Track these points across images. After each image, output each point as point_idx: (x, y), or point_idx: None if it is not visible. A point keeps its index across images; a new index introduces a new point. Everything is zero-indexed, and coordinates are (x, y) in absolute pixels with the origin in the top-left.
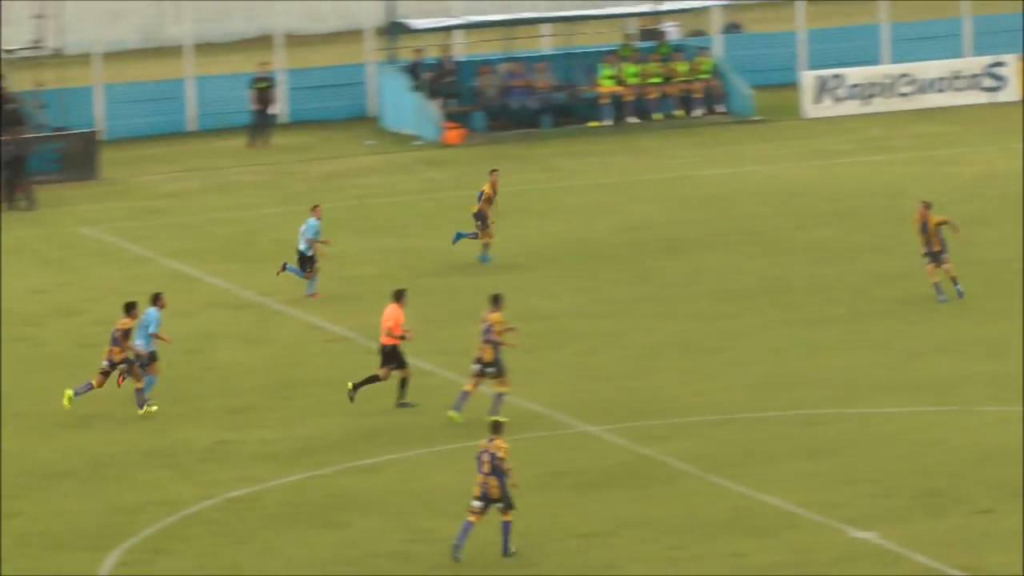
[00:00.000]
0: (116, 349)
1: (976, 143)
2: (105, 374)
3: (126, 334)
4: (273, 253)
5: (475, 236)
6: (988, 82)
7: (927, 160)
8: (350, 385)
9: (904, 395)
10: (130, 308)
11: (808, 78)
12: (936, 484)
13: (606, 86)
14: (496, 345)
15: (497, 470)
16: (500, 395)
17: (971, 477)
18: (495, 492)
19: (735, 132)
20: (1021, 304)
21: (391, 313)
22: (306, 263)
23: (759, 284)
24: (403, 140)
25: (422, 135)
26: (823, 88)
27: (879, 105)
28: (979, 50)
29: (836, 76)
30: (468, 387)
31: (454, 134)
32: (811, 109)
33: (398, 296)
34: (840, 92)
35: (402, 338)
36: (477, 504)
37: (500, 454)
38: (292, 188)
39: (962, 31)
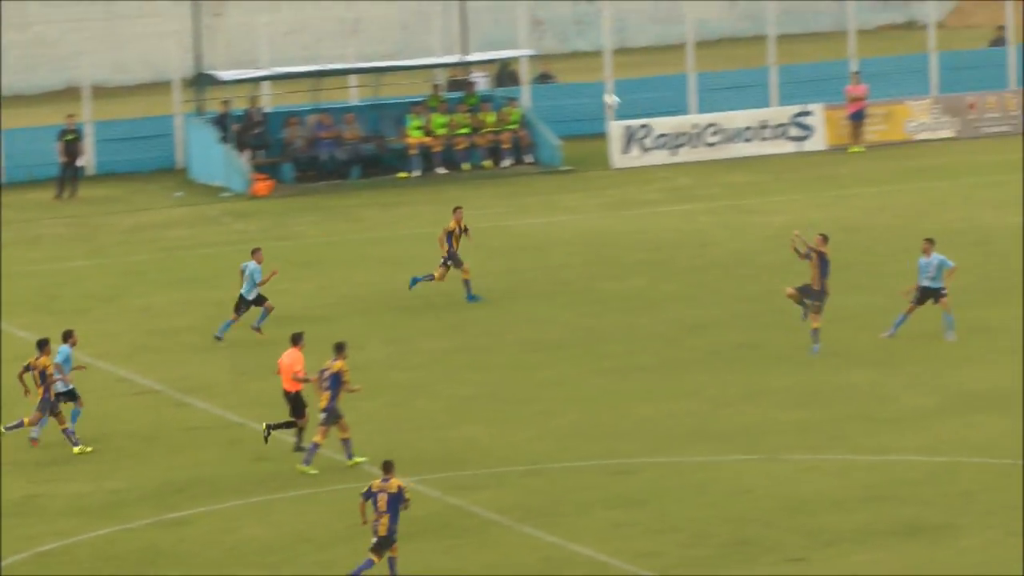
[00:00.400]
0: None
1: (784, 192)
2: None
3: (45, 371)
4: (81, 306)
5: (431, 278)
6: (795, 131)
7: (735, 209)
8: (264, 425)
9: (714, 444)
10: (43, 345)
11: (616, 128)
12: (747, 533)
13: (414, 137)
14: (335, 392)
15: (394, 508)
16: (316, 445)
17: (781, 525)
18: (383, 530)
19: (544, 182)
20: (826, 352)
21: (291, 357)
22: (243, 306)
23: (570, 334)
24: (211, 192)
25: (230, 187)
26: (631, 138)
27: (687, 155)
28: (785, 99)
29: (644, 126)
30: (318, 438)
31: (262, 186)
32: (619, 159)
33: (296, 339)
34: (648, 142)
35: (305, 380)
36: (374, 542)
37: (393, 491)
38: (100, 240)
39: (768, 81)
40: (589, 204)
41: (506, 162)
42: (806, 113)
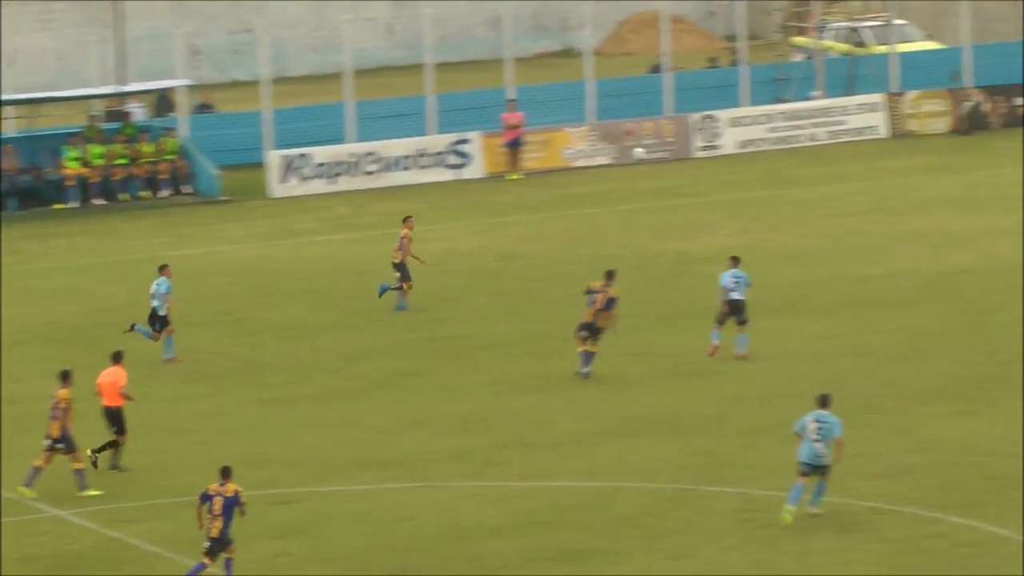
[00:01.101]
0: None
1: (442, 220)
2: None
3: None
4: None
5: (400, 287)
6: (453, 159)
7: (394, 238)
8: (89, 451)
9: (375, 472)
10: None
11: (274, 157)
12: (407, 561)
13: (71, 168)
14: (63, 420)
15: (228, 511)
16: (79, 470)
17: (442, 553)
18: (216, 533)
19: (203, 213)
20: (485, 379)
21: (115, 375)
22: (157, 321)
23: (231, 364)
24: None
25: None
26: (289, 167)
27: (345, 184)
28: (443, 128)
29: (302, 155)
30: (39, 462)
31: None
32: (278, 188)
33: (117, 357)
34: (306, 171)
35: (128, 398)
36: (207, 545)
37: (230, 495)
38: None
39: (426, 109)
40: (248, 234)
41: (164, 192)
42: (464, 141)
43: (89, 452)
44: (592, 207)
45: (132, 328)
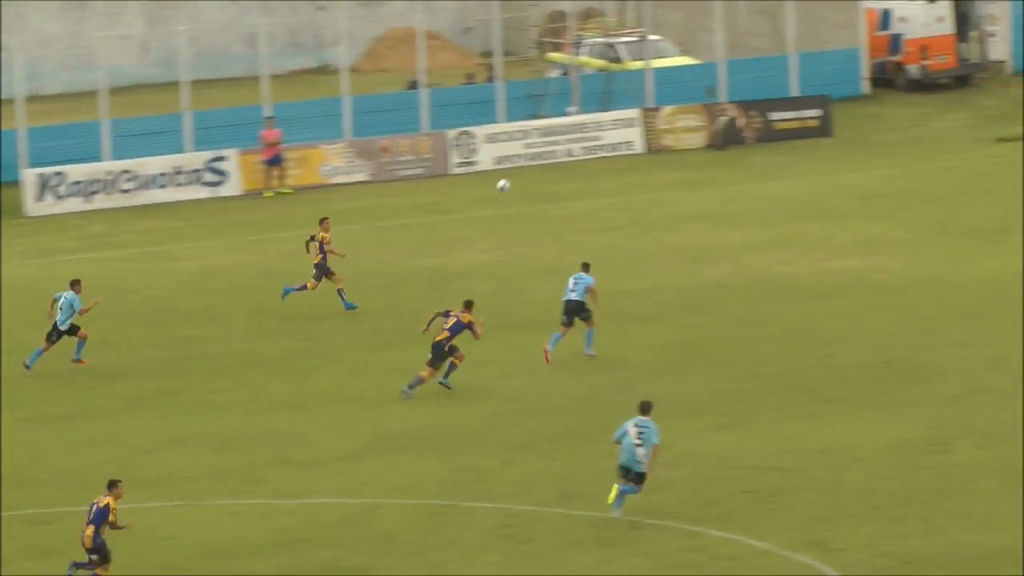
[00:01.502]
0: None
1: (200, 238)
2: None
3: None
4: None
5: (304, 288)
6: (210, 177)
7: (151, 256)
8: None
9: (134, 491)
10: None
11: (30, 176)
12: None
13: None
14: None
15: (97, 521)
16: None
17: (202, 572)
18: (88, 543)
19: None
20: (244, 396)
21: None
22: (54, 335)
23: None
24: None
25: None
26: (45, 186)
27: (102, 202)
28: (200, 145)
29: (58, 173)
30: None
31: None
32: (33, 207)
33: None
34: (62, 190)
35: None
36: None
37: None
38: None
39: (183, 126)
40: (4, 253)
41: None
42: (220, 159)
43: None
44: (350, 224)
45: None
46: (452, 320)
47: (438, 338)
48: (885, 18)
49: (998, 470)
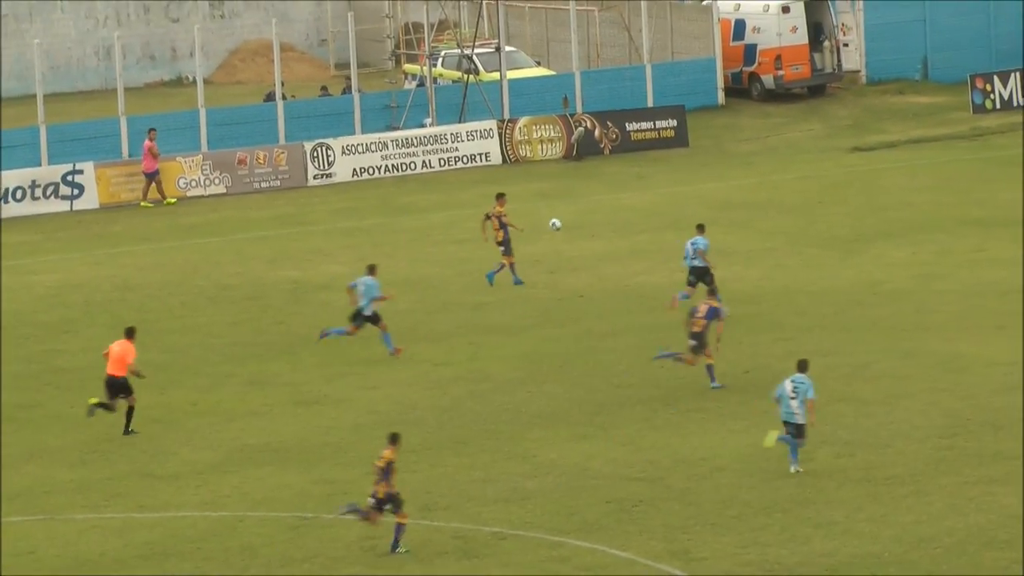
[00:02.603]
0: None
1: (57, 251)
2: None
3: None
4: None
5: (503, 267)
6: (66, 190)
7: (8, 270)
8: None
9: None
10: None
11: None
12: None
13: None
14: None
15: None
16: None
17: None
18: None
19: None
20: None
21: (125, 348)
22: (358, 320)
23: None
24: None
25: None
26: None
27: None
28: (56, 159)
29: None
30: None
31: None
32: None
33: (130, 333)
34: None
35: (137, 374)
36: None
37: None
38: None
39: (39, 140)
40: None
41: None
42: (77, 172)
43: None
44: (208, 236)
45: None
46: (705, 308)
47: (695, 329)
48: (739, 28)
49: (858, 478)
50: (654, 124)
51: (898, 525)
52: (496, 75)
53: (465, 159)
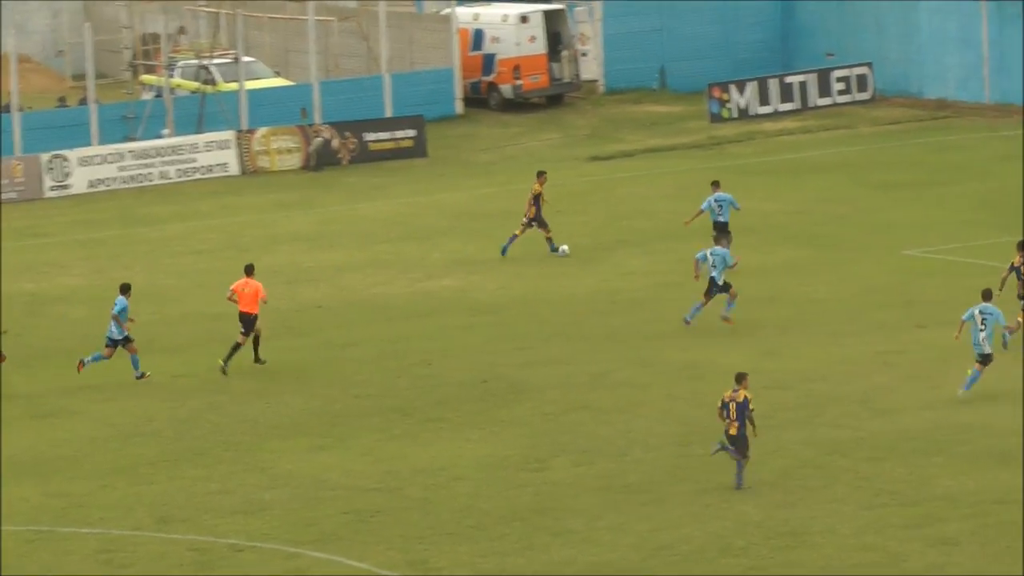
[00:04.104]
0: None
1: None
2: None
3: None
4: None
5: (550, 239)
6: None
7: None
8: (221, 362)
9: None
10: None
11: None
12: None
13: None
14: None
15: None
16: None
17: None
18: (734, 431)
19: None
20: None
21: (254, 285)
22: (713, 290)
23: None
24: None
25: None
26: None
27: None
28: None
29: None
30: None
31: None
32: None
33: (249, 270)
34: None
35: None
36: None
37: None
38: None
39: None
40: None
41: None
42: None
43: (221, 362)
44: None
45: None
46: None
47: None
48: (478, 38)
49: (597, 487)
50: (392, 134)
51: (636, 533)
52: (234, 85)
53: (203, 170)
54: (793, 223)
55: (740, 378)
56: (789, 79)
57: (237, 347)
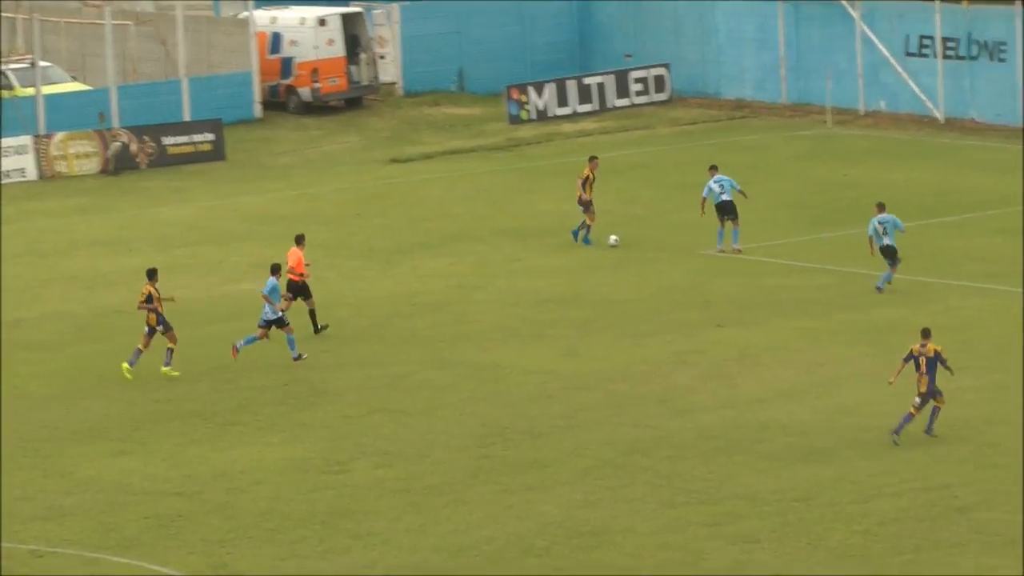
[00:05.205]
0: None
1: None
2: None
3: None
4: None
5: (585, 224)
6: None
7: None
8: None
9: None
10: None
11: None
12: None
13: None
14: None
15: (932, 368)
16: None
17: None
18: (924, 388)
19: None
20: None
21: (297, 254)
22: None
23: None
24: None
25: None
26: None
27: None
28: None
29: None
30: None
31: None
32: None
33: (299, 240)
34: None
35: (302, 275)
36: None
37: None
38: None
39: None
40: None
41: None
42: None
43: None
44: None
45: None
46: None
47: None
48: (276, 42)
49: (397, 488)
50: (191, 138)
51: (437, 534)
52: (31, 90)
53: (1, 175)
54: (594, 224)
55: (927, 333)
56: (587, 80)
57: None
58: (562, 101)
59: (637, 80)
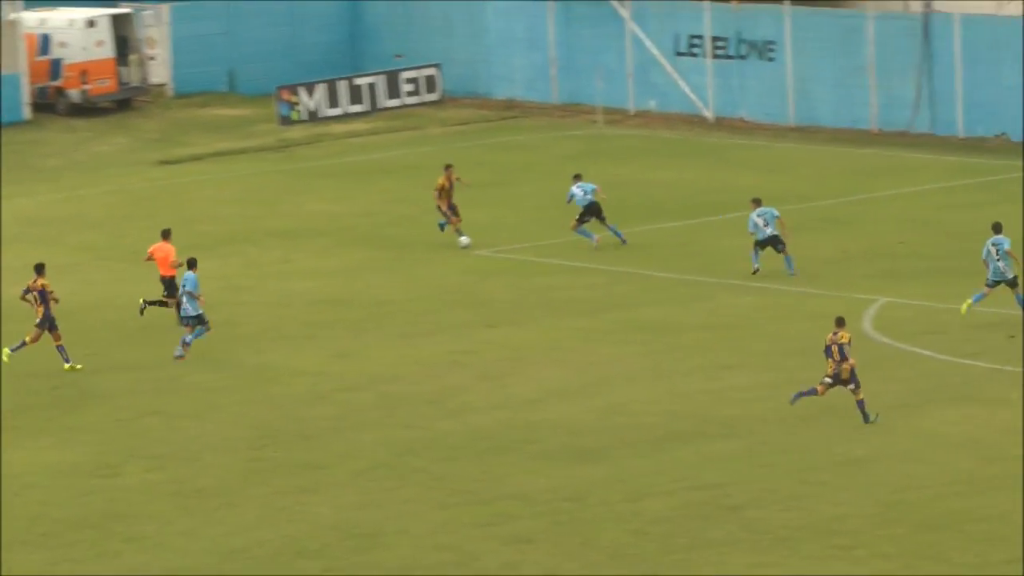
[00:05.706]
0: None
1: None
2: None
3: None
4: None
5: (448, 222)
6: None
7: None
8: (142, 300)
9: None
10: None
11: None
12: None
13: None
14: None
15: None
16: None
17: None
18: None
19: None
20: None
21: (166, 248)
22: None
23: None
24: None
25: None
26: None
27: None
28: None
29: None
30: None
31: None
32: None
33: (166, 234)
34: None
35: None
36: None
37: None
38: None
39: None
40: None
41: None
42: None
43: (142, 300)
44: None
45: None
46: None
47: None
48: (45, 43)
49: (169, 492)
50: None
51: (209, 537)
52: None
53: None
54: (362, 225)
55: (840, 321)
56: (358, 81)
57: (164, 304)
58: (333, 102)
59: (408, 80)
